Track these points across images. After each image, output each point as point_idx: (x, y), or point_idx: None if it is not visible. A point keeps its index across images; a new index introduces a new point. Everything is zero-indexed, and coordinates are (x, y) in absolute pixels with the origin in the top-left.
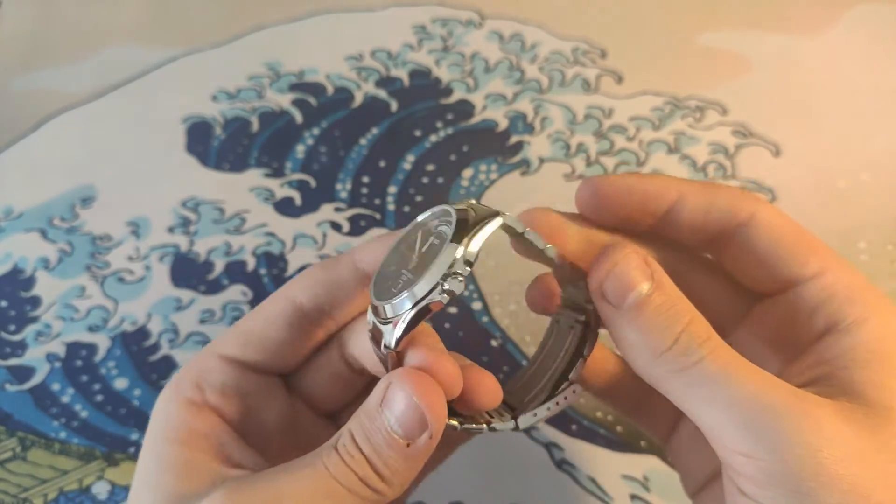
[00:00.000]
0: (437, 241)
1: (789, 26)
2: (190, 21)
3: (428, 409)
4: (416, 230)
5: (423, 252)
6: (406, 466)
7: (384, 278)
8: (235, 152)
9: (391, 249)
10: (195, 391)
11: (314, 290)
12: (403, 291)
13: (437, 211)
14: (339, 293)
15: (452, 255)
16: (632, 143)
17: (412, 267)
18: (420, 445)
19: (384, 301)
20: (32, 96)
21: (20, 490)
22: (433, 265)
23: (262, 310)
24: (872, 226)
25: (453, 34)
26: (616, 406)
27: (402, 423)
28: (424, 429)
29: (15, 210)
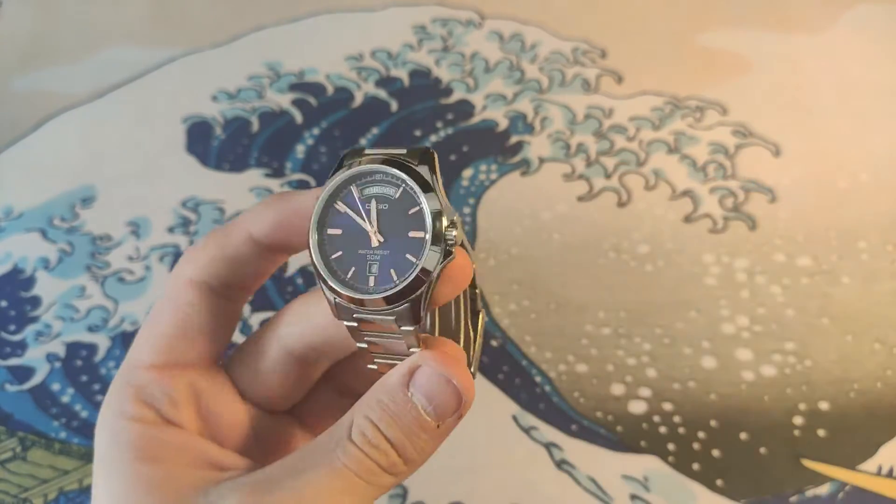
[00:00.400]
0: (389, 204)
1: (789, 26)
2: (190, 21)
3: (464, 390)
4: (330, 208)
5: (383, 221)
6: (433, 447)
7: (342, 267)
8: (235, 152)
9: (316, 238)
10: (144, 409)
11: (213, 268)
12: (407, 269)
13: (342, 180)
14: (242, 268)
15: (438, 211)
16: (632, 143)
17: (382, 243)
18: (449, 425)
19: (381, 290)
20: (32, 96)
21: (20, 490)
22: (420, 228)
23: (166, 304)
24: (872, 226)
25: (453, 34)
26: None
27: (435, 404)
28: (457, 409)
29: (15, 210)
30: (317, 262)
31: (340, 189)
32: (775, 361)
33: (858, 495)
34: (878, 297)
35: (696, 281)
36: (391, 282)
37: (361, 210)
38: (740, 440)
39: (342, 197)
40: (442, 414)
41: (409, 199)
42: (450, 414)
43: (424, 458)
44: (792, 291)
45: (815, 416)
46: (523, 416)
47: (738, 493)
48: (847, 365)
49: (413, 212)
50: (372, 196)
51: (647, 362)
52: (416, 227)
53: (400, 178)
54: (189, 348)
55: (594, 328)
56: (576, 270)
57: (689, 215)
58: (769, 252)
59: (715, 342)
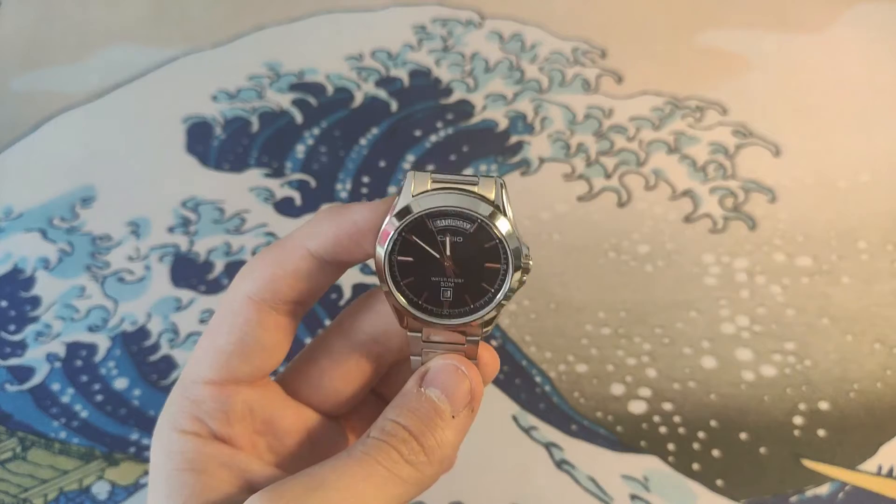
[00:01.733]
0: (464, 237)
1: (789, 26)
2: (190, 21)
3: (473, 377)
4: (401, 238)
5: (457, 253)
6: (451, 438)
7: (414, 291)
8: (235, 152)
9: (387, 263)
10: (196, 424)
11: (272, 285)
12: (485, 297)
13: (416, 216)
14: (300, 284)
15: (517, 248)
16: (632, 143)
17: (457, 273)
18: (464, 418)
19: (455, 315)
20: (32, 96)
21: (20, 490)
22: (497, 261)
23: (225, 319)
24: (872, 226)
25: (453, 34)
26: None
27: (448, 392)
28: (468, 397)
29: (15, 210)
30: (389, 285)
31: (411, 223)
32: (775, 361)
33: (858, 495)
34: (878, 297)
35: (696, 281)
36: (467, 307)
37: (437, 242)
38: (740, 440)
39: (411, 229)
40: (454, 400)
41: (485, 234)
42: (462, 401)
43: (445, 452)
44: (792, 291)
45: (815, 416)
46: (523, 416)
47: (738, 493)
48: (847, 365)
49: (489, 246)
50: (446, 228)
51: (647, 362)
52: (491, 260)
53: (477, 216)
54: (246, 365)
55: (594, 328)
56: (576, 270)
57: (689, 215)
58: (769, 252)
59: (715, 342)
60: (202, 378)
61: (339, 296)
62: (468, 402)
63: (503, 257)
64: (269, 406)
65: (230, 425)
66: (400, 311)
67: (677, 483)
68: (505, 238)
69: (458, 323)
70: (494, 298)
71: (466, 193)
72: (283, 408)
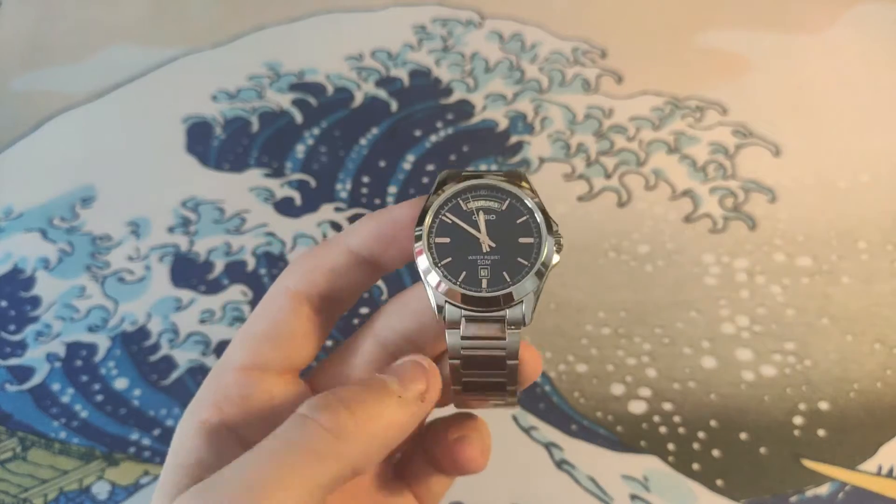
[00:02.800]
0: (496, 215)
1: (789, 26)
2: (190, 21)
3: (430, 368)
4: (437, 219)
5: (491, 230)
6: (390, 413)
7: (452, 272)
8: (235, 152)
9: (424, 244)
10: (216, 412)
11: (312, 278)
12: (522, 271)
13: (449, 195)
14: (339, 279)
15: (548, 221)
16: (632, 143)
17: (492, 248)
18: (411, 400)
19: (494, 290)
20: (32, 96)
21: (20, 490)
22: (530, 234)
23: (262, 309)
24: (872, 226)
25: (453, 34)
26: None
27: (399, 375)
28: (422, 388)
29: (15, 210)
30: (429, 264)
31: (447, 202)
32: (775, 361)
33: (858, 495)
34: (878, 297)
35: (696, 281)
36: (504, 282)
37: (470, 219)
38: (740, 440)
39: (449, 209)
40: (404, 381)
41: (516, 211)
42: (413, 386)
43: (378, 427)
44: (792, 291)
45: (815, 416)
46: (523, 416)
47: (738, 493)
48: (847, 365)
49: (521, 221)
50: (479, 208)
51: (647, 362)
52: (525, 234)
53: (507, 191)
54: (275, 351)
55: (594, 328)
56: (576, 270)
57: (689, 215)
58: (769, 252)
59: (715, 342)
60: (232, 364)
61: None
62: (421, 393)
63: (535, 231)
64: (293, 400)
65: (248, 412)
66: (435, 301)
67: (677, 483)
68: (534, 211)
69: (498, 294)
70: (531, 271)
71: (494, 177)
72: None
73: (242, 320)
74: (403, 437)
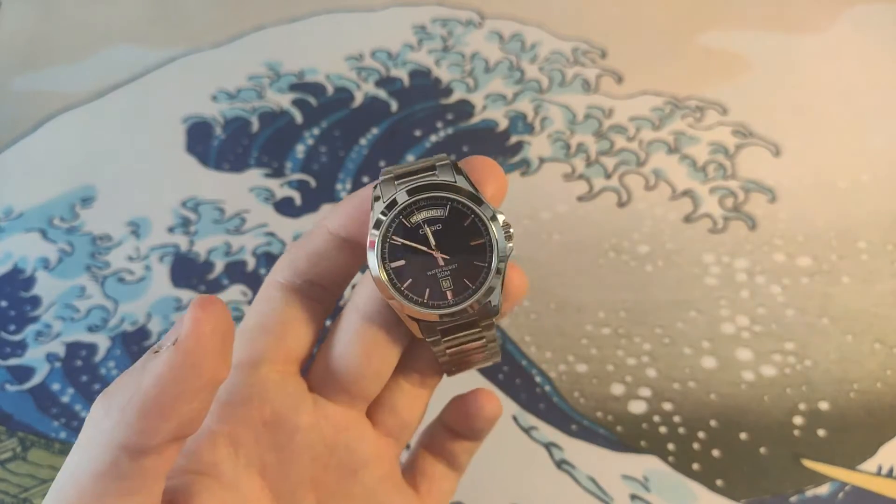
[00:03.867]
0: (441, 224)
1: (789, 26)
2: (190, 21)
3: (189, 315)
4: (386, 244)
5: (440, 240)
6: (151, 366)
7: (417, 292)
8: (235, 152)
9: (384, 275)
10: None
11: (296, 265)
12: (482, 273)
13: (388, 220)
14: (322, 262)
15: (492, 215)
16: (632, 143)
17: (448, 259)
18: (166, 351)
19: (461, 300)
20: (32, 96)
21: (20, 490)
22: (479, 235)
23: (255, 304)
24: (872, 226)
25: (453, 34)
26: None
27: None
28: (173, 337)
29: (15, 210)
30: (394, 295)
31: (390, 226)
32: (775, 361)
33: (858, 495)
34: (878, 297)
35: (696, 281)
36: (468, 289)
37: (417, 236)
38: (740, 440)
39: (393, 231)
40: (166, 337)
41: (459, 214)
42: (168, 337)
43: (135, 387)
44: (792, 291)
45: (815, 416)
46: (523, 416)
47: (738, 493)
48: (847, 365)
49: (467, 223)
50: (423, 220)
51: (647, 362)
52: (475, 236)
53: (444, 198)
54: (265, 336)
55: (594, 328)
56: (576, 270)
57: (689, 215)
58: (769, 252)
59: (715, 342)
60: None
61: None
62: (173, 341)
63: (483, 230)
64: (282, 394)
65: (233, 407)
66: (413, 318)
67: (677, 483)
68: (475, 209)
69: (466, 305)
70: (491, 268)
71: (429, 181)
72: (295, 398)
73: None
74: (176, 391)
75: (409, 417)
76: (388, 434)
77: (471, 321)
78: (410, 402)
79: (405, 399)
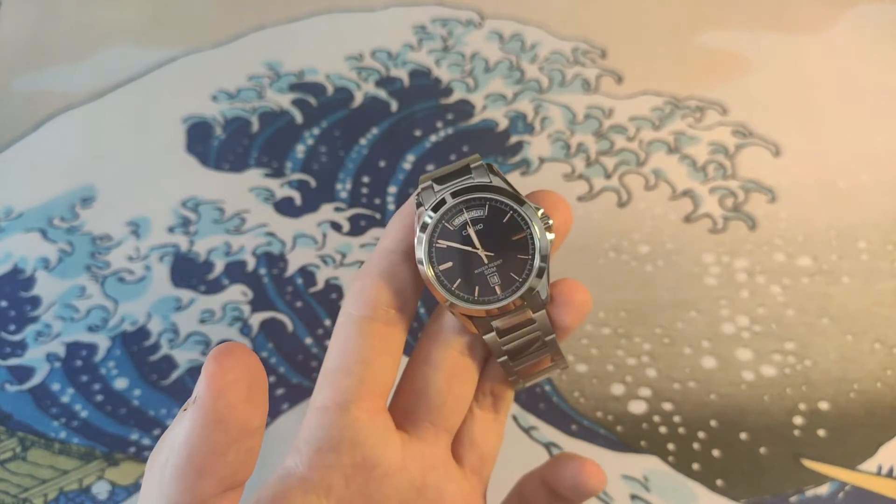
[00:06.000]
0: (483, 224)
1: (789, 26)
2: (190, 21)
3: (211, 364)
4: (433, 248)
5: (484, 239)
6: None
7: (467, 291)
8: (235, 152)
9: (432, 275)
10: (295, 455)
11: (366, 293)
12: (525, 266)
13: (432, 225)
14: (391, 282)
15: (529, 210)
16: (632, 142)
17: (492, 257)
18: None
19: (510, 293)
20: (32, 96)
21: (20, 490)
22: (520, 230)
23: (333, 343)
24: (872, 226)
25: (453, 34)
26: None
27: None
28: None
29: (15, 210)
30: (445, 296)
31: (434, 230)
32: (775, 361)
33: (858, 495)
34: (878, 297)
35: (696, 281)
36: (516, 282)
37: (461, 237)
38: (740, 440)
39: (439, 235)
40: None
41: (498, 211)
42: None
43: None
44: (792, 291)
45: (815, 416)
46: (523, 416)
47: (738, 493)
48: (847, 365)
49: (506, 220)
50: (466, 221)
51: (647, 362)
52: (515, 231)
53: (483, 199)
54: (351, 383)
55: (594, 328)
56: (576, 270)
57: (689, 215)
58: (769, 252)
59: (715, 342)
60: (313, 405)
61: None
62: (195, 397)
63: (522, 224)
64: (372, 436)
65: (323, 453)
66: (466, 316)
67: (677, 483)
68: (514, 206)
69: (517, 297)
70: (535, 260)
71: (466, 185)
72: (385, 439)
73: (242, 320)
74: (207, 448)
75: (487, 449)
76: (473, 471)
77: (524, 319)
78: (486, 431)
79: (481, 429)
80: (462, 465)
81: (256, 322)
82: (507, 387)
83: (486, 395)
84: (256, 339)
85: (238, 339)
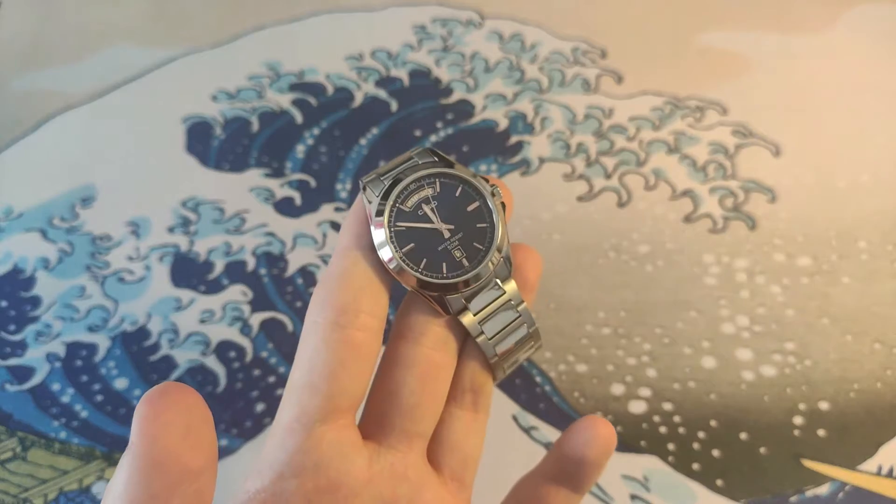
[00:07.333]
0: (437, 201)
1: (789, 26)
2: (190, 21)
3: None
4: (393, 231)
5: (441, 214)
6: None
7: (434, 269)
8: (235, 152)
9: (398, 258)
10: (257, 479)
11: (331, 298)
12: (485, 235)
13: (389, 209)
14: (353, 282)
15: (482, 181)
16: (632, 142)
17: (452, 230)
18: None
19: (477, 263)
20: (32, 96)
21: (20, 490)
22: (473, 200)
23: (299, 354)
24: (872, 226)
25: (453, 34)
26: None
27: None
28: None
29: (15, 210)
30: (414, 276)
31: (391, 214)
32: (775, 361)
33: (858, 495)
34: (878, 297)
35: (696, 281)
36: (480, 251)
37: (419, 218)
38: (740, 440)
39: (395, 218)
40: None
41: (450, 187)
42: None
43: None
44: (792, 291)
45: (815, 416)
46: (523, 416)
47: (738, 493)
48: (847, 365)
49: (459, 192)
50: (419, 202)
51: (647, 362)
52: (469, 202)
53: (432, 175)
54: (317, 400)
55: (594, 328)
56: (576, 270)
57: (689, 215)
58: (769, 252)
59: (715, 342)
60: (279, 424)
61: None
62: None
63: (475, 193)
64: (337, 457)
65: (284, 481)
66: (437, 295)
67: (677, 483)
68: (465, 177)
69: (486, 264)
70: (495, 225)
71: (413, 167)
72: (349, 459)
73: (242, 320)
74: (147, 494)
75: (468, 451)
76: (453, 477)
77: (496, 293)
78: (466, 432)
79: (461, 431)
80: (440, 472)
81: (256, 322)
82: (487, 377)
83: (464, 392)
84: (256, 339)
85: (238, 338)
